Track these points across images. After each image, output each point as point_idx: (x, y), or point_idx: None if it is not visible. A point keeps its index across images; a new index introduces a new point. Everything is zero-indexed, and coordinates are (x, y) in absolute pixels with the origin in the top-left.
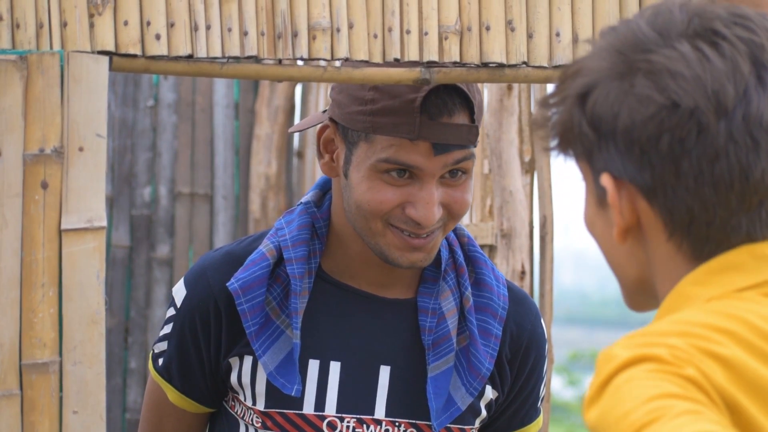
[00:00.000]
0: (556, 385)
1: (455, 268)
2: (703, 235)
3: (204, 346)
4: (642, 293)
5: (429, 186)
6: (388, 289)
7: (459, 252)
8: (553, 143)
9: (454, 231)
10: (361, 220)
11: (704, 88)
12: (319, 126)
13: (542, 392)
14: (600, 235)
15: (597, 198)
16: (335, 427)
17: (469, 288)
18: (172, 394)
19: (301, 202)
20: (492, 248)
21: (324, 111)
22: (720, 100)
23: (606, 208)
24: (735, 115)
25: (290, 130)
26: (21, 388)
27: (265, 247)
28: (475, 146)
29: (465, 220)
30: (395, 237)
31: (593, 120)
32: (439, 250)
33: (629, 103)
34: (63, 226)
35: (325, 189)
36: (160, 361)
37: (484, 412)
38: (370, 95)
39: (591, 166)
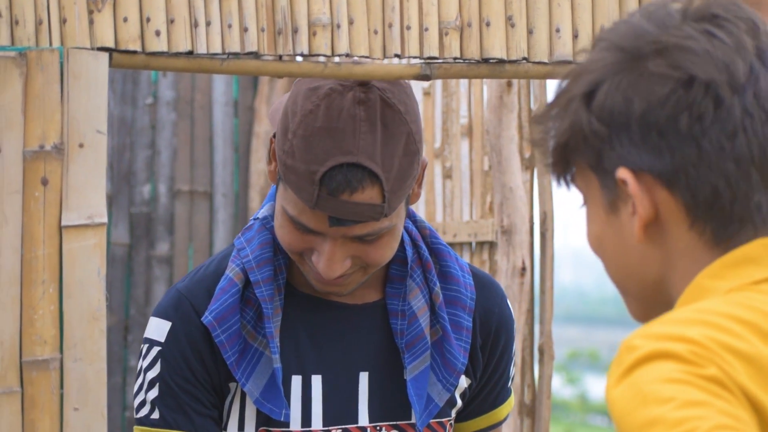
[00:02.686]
0: (554, 384)
1: (421, 263)
2: (727, 214)
3: (202, 372)
4: (656, 299)
5: (331, 244)
6: (355, 294)
7: (423, 246)
8: (553, 158)
9: (415, 224)
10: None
11: (715, 61)
12: (272, 134)
13: (512, 372)
14: (611, 245)
15: (606, 204)
16: None
17: (438, 283)
18: None
19: (257, 218)
20: (492, 245)
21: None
22: (732, 74)
23: (618, 212)
24: (747, 91)
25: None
26: (21, 386)
27: (232, 271)
28: (387, 216)
29: (465, 217)
30: (310, 269)
31: (603, 114)
32: (404, 248)
33: (643, 86)
34: (63, 223)
35: None
36: (156, 413)
37: (459, 402)
38: (288, 145)
39: (598, 171)
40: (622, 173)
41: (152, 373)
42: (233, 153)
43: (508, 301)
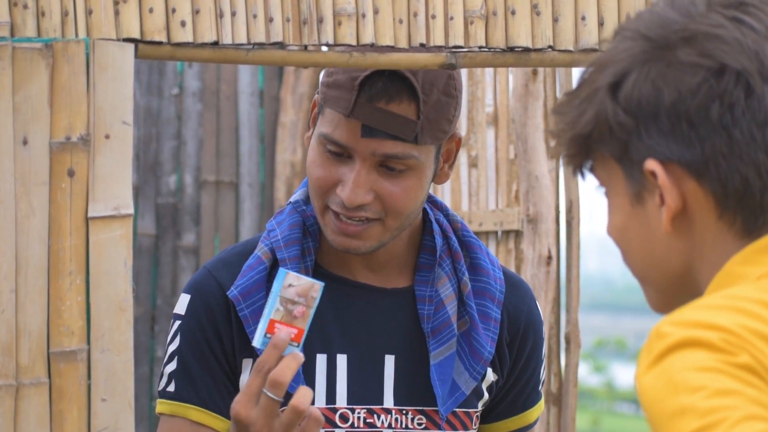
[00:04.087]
0: (581, 372)
1: (450, 254)
2: (757, 203)
3: (217, 345)
4: (679, 289)
5: (357, 166)
6: (381, 278)
7: (453, 238)
8: (573, 149)
9: (447, 217)
10: (312, 197)
11: (746, 49)
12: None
13: (542, 376)
14: (636, 236)
15: (632, 195)
16: (347, 419)
17: (467, 273)
18: (195, 413)
19: (290, 202)
20: (518, 233)
21: None
22: (763, 62)
23: (644, 203)
24: None
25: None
26: (49, 377)
27: (260, 250)
28: (417, 143)
29: (491, 206)
30: (331, 220)
31: (630, 106)
32: (434, 237)
33: (673, 75)
34: (90, 214)
35: None
36: (171, 386)
37: (486, 395)
38: (332, 69)
39: (623, 161)
40: (651, 165)
41: (173, 347)
42: (259, 143)
43: (538, 304)
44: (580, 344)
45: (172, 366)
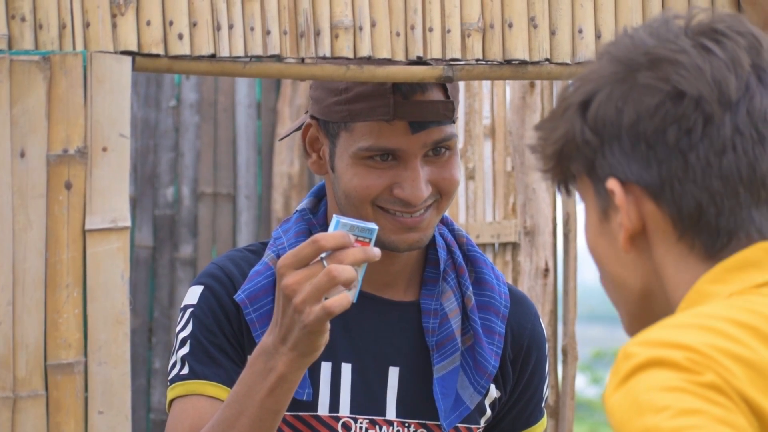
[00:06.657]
0: (579, 383)
1: (455, 268)
2: (713, 228)
3: (229, 330)
4: (645, 309)
5: (413, 164)
6: (391, 290)
7: (458, 253)
8: (550, 164)
9: (452, 232)
10: (352, 210)
11: (705, 77)
12: (303, 126)
13: (546, 392)
14: (603, 252)
15: (600, 211)
16: (349, 428)
17: (471, 287)
18: (212, 389)
19: (297, 210)
20: (515, 246)
21: (307, 112)
22: (723, 91)
23: (609, 220)
24: (740, 108)
25: (279, 138)
26: (46, 389)
27: (267, 256)
28: (454, 122)
29: (488, 218)
30: (387, 221)
31: (596, 124)
32: (438, 252)
33: (633, 97)
34: (87, 227)
35: (320, 196)
36: (185, 368)
37: (489, 411)
38: (343, 84)
39: (592, 177)
40: (611, 184)
41: (184, 333)
42: (256, 155)
43: (541, 321)
44: (577, 356)
45: (184, 350)
